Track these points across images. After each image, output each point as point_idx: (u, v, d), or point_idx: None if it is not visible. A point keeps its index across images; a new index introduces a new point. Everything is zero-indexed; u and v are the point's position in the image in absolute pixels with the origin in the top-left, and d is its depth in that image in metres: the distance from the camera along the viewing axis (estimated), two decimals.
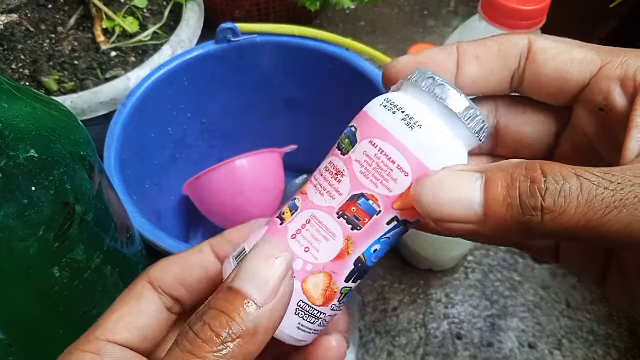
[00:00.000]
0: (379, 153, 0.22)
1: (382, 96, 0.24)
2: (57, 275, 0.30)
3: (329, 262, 0.23)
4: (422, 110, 0.22)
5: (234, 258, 0.24)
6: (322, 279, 0.23)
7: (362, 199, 0.22)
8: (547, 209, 0.18)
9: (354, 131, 0.23)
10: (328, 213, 0.23)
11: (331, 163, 0.24)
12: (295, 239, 0.23)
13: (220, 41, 0.53)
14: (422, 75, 0.23)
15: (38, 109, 0.29)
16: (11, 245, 0.26)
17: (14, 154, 0.26)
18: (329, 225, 0.23)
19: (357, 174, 0.23)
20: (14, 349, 0.32)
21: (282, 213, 0.24)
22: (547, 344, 0.55)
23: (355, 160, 0.23)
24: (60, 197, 0.28)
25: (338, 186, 0.23)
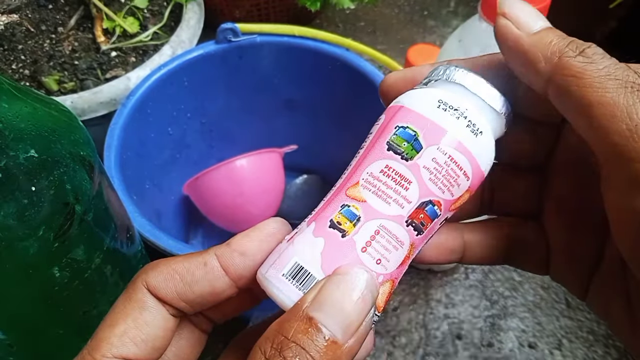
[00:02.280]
0: (448, 160, 0.22)
1: (431, 94, 0.23)
2: (57, 275, 0.30)
3: (394, 270, 0.23)
4: (478, 115, 0.23)
5: (288, 277, 0.22)
6: (388, 287, 0.23)
7: (429, 206, 0.23)
8: (585, 53, 0.21)
9: (414, 135, 0.23)
10: (397, 222, 0.22)
11: (389, 168, 0.23)
12: (365, 252, 0.22)
13: (220, 41, 0.53)
14: (466, 75, 0.24)
15: (38, 109, 0.29)
16: (11, 245, 0.26)
17: (14, 154, 0.26)
18: (399, 234, 0.22)
19: (425, 181, 0.22)
20: (14, 349, 0.32)
21: (335, 222, 0.22)
22: (547, 344, 0.55)
23: (424, 167, 0.22)
24: (60, 197, 0.28)
25: (405, 194, 0.22)
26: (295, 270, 0.22)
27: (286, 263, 0.22)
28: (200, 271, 0.23)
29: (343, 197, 0.23)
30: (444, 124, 0.23)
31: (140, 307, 0.22)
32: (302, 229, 0.23)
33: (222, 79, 0.56)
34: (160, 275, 0.23)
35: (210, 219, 0.59)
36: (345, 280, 0.20)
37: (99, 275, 0.33)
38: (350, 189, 0.23)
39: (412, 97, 0.24)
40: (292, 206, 0.62)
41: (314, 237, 0.22)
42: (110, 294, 0.35)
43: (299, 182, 0.64)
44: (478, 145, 0.23)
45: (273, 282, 0.22)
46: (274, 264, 0.22)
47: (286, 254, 0.22)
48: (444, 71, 0.24)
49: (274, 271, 0.22)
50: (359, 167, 0.23)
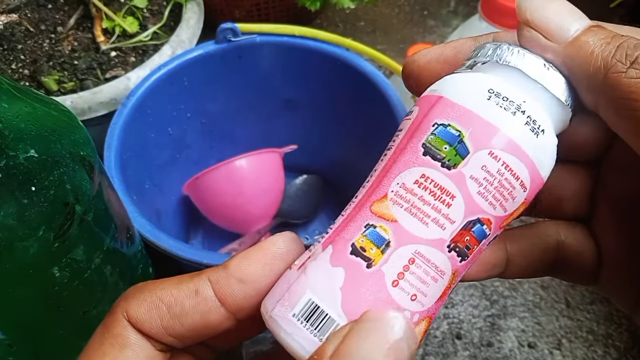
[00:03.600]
0: (502, 168, 0.18)
1: (479, 81, 0.19)
2: (57, 275, 0.30)
3: (433, 305, 0.18)
4: (539, 108, 0.18)
5: (300, 318, 0.18)
6: (423, 326, 0.18)
7: (477, 225, 0.18)
8: (639, 62, 0.16)
9: (458, 136, 0.18)
10: (437, 248, 0.18)
11: (427, 178, 0.18)
12: (397, 286, 0.18)
13: (220, 41, 0.53)
14: (522, 56, 0.19)
15: (38, 108, 0.29)
16: (11, 245, 0.26)
17: (14, 154, 0.26)
18: (438, 262, 0.18)
19: (473, 196, 0.18)
20: (14, 349, 0.32)
21: (359, 247, 0.18)
22: (547, 344, 0.55)
23: (471, 178, 0.18)
24: (60, 197, 0.28)
25: (447, 211, 0.18)
26: (309, 309, 0.18)
27: (298, 300, 0.18)
28: (191, 301, 0.19)
29: (367, 214, 0.18)
30: (496, 121, 0.18)
31: (120, 343, 0.19)
32: (316, 252, 0.19)
33: (222, 78, 0.56)
34: (143, 304, 0.19)
35: (210, 219, 0.59)
36: (377, 329, 0.16)
37: (99, 275, 0.33)
38: (377, 203, 0.18)
39: (455, 84, 0.19)
40: (292, 206, 0.62)
41: (332, 267, 0.18)
42: (110, 294, 0.35)
43: (299, 182, 0.64)
44: (539, 147, 0.18)
45: (282, 324, 0.18)
46: (281, 299, 0.18)
47: (297, 288, 0.18)
48: (493, 51, 0.19)
49: (282, 309, 0.18)
50: (386, 175, 0.19)
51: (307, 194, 0.64)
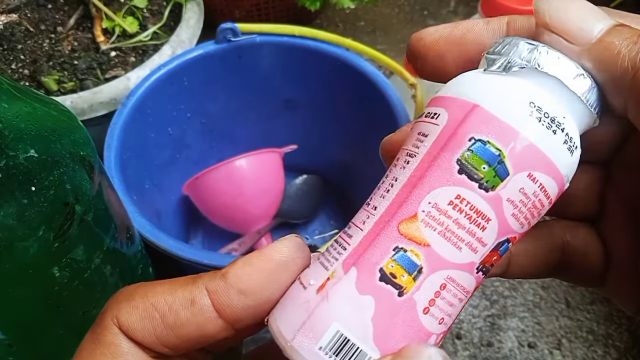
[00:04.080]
0: (538, 190, 0.17)
1: (519, 92, 0.17)
2: (57, 275, 0.30)
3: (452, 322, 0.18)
4: (574, 125, 0.17)
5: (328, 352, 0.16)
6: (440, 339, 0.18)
7: (505, 245, 0.17)
8: None
9: (499, 156, 0.16)
10: (468, 271, 0.17)
11: (462, 200, 0.17)
12: (427, 314, 0.17)
13: (220, 41, 0.53)
14: (562, 63, 0.17)
15: (38, 108, 0.29)
16: (11, 245, 0.26)
17: (14, 154, 0.26)
18: (466, 284, 0.17)
19: (507, 218, 0.17)
20: (14, 349, 0.32)
21: (388, 274, 0.17)
22: (547, 344, 0.55)
23: (507, 200, 0.17)
24: (60, 197, 0.28)
25: (482, 235, 0.17)
26: (338, 342, 0.16)
27: (324, 331, 0.16)
28: (187, 312, 0.18)
29: (395, 235, 0.17)
30: (538, 140, 0.16)
31: (112, 353, 0.18)
32: (338, 274, 0.17)
33: (222, 78, 0.56)
34: (135, 312, 0.18)
35: (210, 219, 0.59)
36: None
37: (98, 275, 0.33)
38: (406, 224, 0.17)
39: (492, 92, 0.17)
40: (292, 206, 0.62)
41: (359, 294, 0.16)
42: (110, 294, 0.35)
43: (299, 182, 0.64)
44: (572, 164, 0.17)
45: (307, 356, 0.16)
46: (303, 328, 0.17)
47: (321, 316, 0.17)
48: (529, 53, 0.17)
49: (306, 341, 0.16)
50: (415, 191, 0.17)
51: (307, 194, 0.64)
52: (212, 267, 0.40)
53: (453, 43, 0.19)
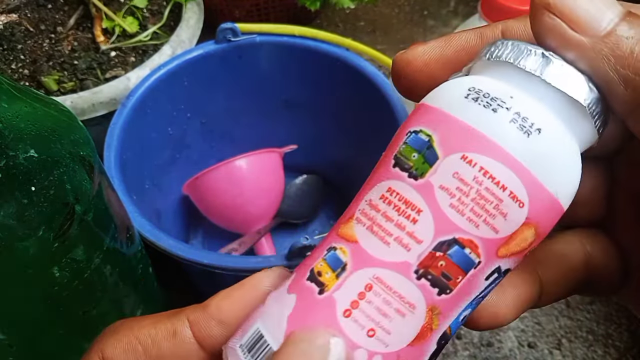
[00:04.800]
0: (480, 175, 0.15)
1: (460, 82, 0.16)
2: (57, 275, 0.30)
3: (404, 348, 0.15)
4: (533, 105, 0.15)
5: (244, 349, 0.16)
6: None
7: (454, 247, 0.15)
8: None
9: (428, 141, 0.15)
10: (401, 273, 0.15)
11: (391, 191, 0.15)
12: (349, 317, 0.15)
13: (220, 41, 0.53)
14: (517, 48, 0.15)
15: (38, 108, 0.29)
16: (11, 245, 0.26)
17: (14, 154, 0.26)
18: (403, 291, 0.15)
19: (444, 209, 0.15)
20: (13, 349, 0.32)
21: (315, 272, 0.16)
22: (547, 344, 0.55)
23: (440, 188, 0.15)
24: (60, 197, 0.28)
25: (413, 228, 0.15)
26: (254, 339, 0.16)
27: (248, 330, 0.16)
28: (169, 343, 0.17)
29: (333, 237, 0.16)
30: (471, 119, 0.15)
31: None
32: (286, 281, 0.17)
33: (222, 78, 0.56)
34: (119, 345, 0.18)
35: (210, 219, 0.59)
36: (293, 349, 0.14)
37: (98, 275, 0.33)
38: (344, 225, 0.16)
39: (439, 89, 0.16)
40: (292, 206, 0.62)
41: (287, 294, 0.16)
42: (110, 294, 0.35)
43: (299, 182, 0.64)
44: (532, 149, 0.15)
45: (229, 355, 0.16)
46: (240, 329, 0.17)
47: (252, 317, 0.16)
48: (488, 49, 0.16)
49: (235, 340, 0.16)
50: (359, 194, 0.17)
51: (307, 194, 0.64)
52: (212, 267, 0.40)
53: (446, 64, 0.18)
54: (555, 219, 0.16)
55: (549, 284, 0.19)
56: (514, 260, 0.16)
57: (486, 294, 0.16)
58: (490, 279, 0.16)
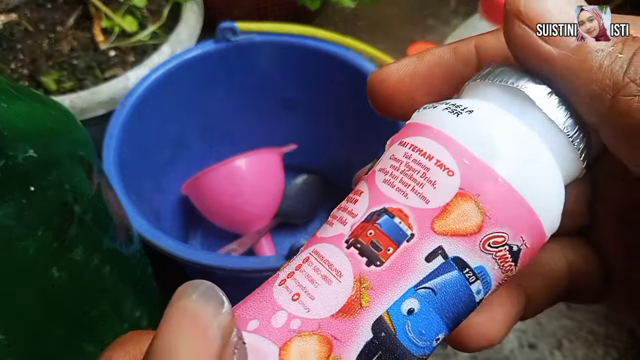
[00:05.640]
0: (409, 151, 0.15)
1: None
2: (56, 275, 0.30)
3: (327, 318, 0.14)
4: (474, 100, 0.16)
5: None
6: (315, 345, 0.14)
7: (383, 217, 0.15)
8: None
9: (384, 144, 0.17)
10: (334, 243, 0.15)
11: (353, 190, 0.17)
12: (282, 285, 0.15)
13: (219, 40, 0.53)
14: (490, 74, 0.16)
15: (37, 108, 0.29)
16: (10, 246, 0.26)
17: (13, 154, 0.26)
18: (332, 259, 0.15)
19: (378, 185, 0.15)
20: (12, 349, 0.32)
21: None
22: (547, 344, 0.55)
23: (379, 171, 0.16)
24: (59, 197, 0.28)
25: (352, 207, 0.16)
26: None
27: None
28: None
29: None
30: (413, 118, 0.17)
31: None
32: None
33: (222, 78, 0.56)
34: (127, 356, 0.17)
35: (210, 219, 0.59)
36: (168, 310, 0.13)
37: (98, 275, 0.33)
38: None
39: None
40: (292, 206, 0.62)
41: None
42: (110, 294, 0.35)
43: (299, 182, 0.64)
44: (461, 125, 0.15)
45: None
46: None
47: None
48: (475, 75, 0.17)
49: None
50: None
51: (307, 194, 0.64)
52: (212, 268, 0.39)
53: (420, 80, 0.17)
54: (507, 200, 0.15)
55: (533, 295, 0.19)
56: (467, 247, 0.14)
57: (445, 292, 0.15)
58: (433, 262, 0.14)
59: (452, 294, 0.15)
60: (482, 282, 0.15)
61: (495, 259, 0.15)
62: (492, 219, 0.14)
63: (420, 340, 0.15)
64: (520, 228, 0.15)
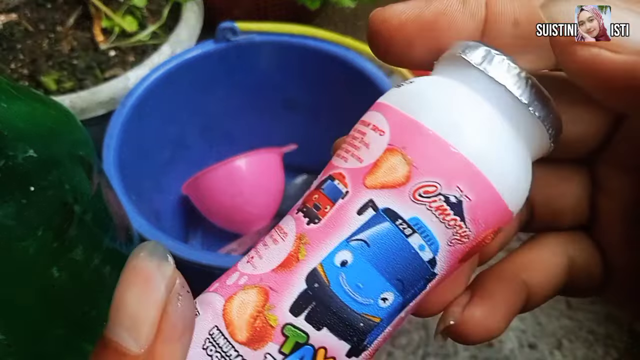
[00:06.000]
0: (358, 125, 0.17)
1: None
2: (56, 275, 0.30)
3: (268, 272, 0.15)
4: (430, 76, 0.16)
5: None
6: (253, 296, 0.15)
7: (327, 182, 0.16)
8: None
9: None
10: (291, 214, 0.17)
11: None
12: (246, 255, 0.16)
13: (219, 40, 0.53)
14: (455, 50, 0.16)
15: (37, 108, 0.29)
16: (10, 246, 0.26)
17: (13, 154, 0.26)
18: (284, 225, 0.16)
19: (332, 159, 0.17)
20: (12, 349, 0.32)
21: None
22: (547, 344, 0.55)
23: (340, 149, 0.17)
24: (59, 197, 0.28)
25: (314, 183, 0.17)
26: None
27: None
28: None
29: None
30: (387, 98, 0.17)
31: None
32: None
33: (222, 78, 0.56)
34: None
35: (210, 219, 0.59)
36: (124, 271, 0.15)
37: (98, 275, 0.33)
38: None
39: None
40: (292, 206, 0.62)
41: None
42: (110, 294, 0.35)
43: (298, 182, 0.64)
44: (400, 93, 0.16)
45: None
46: None
47: None
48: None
49: None
50: None
51: None
52: (211, 268, 0.39)
53: (423, 28, 0.16)
54: (432, 149, 0.15)
55: (534, 288, 0.19)
56: (396, 198, 0.15)
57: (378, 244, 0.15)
58: (364, 214, 0.15)
59: (387, 247, 0.15)
60: (422, 236, 0.15)
61: (431, 209, 0.15)
62: (420, 168, 0.15)
63: (360, 296, 0.15)
64: (453, 177, 0.15)
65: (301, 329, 0.14)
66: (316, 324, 0.15)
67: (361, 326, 0.15)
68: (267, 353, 0.15)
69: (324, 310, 0.15)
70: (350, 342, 0.15)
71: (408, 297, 0.15)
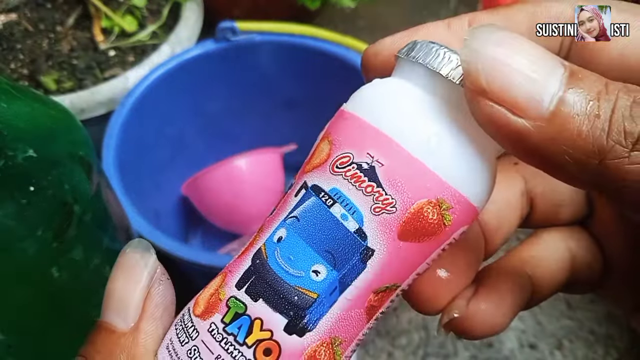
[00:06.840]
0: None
1: None
2: (56, 275, 0.30)
3: (233, 261, 0.18)
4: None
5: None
6: (217, 280, 0.17)
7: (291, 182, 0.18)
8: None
9: None
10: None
11: None
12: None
13: (219, 40, 0.53)
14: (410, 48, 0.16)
15: (36, 108, 0.29)
16: (10, 246, 0.26)
17: (13, 154, 0.26)
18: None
19: None
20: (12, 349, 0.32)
21: None
22: (548, 344, 0.55)
23: None
24: (59, 197, 0.28)
25: None
26: None
27: None
28: None
29: None
30: None
31: None
32: None
33: (221, 78, 0.56)
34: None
35: (209, 219, 0.59)
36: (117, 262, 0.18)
37: (97, 275, 0.33)
38: None
39: None
40: None
41: None
42: None
43: None
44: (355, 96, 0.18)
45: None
46: None
47: None
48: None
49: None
50: None
51: None
52: (211, 268, 0.39)
53: None
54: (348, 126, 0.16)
55: (538, 283, 0.19)
56: (321, 175, 0.16)
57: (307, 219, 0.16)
58: (299, 195, 0.16)
59: (313, 219, 0.16)
60: (342, 205, 0.15)
61: (347, 178, 0.15)
62: (337, 144, 0.16)
63: (292, 268, 0.16)
64: (364, 146, 0.16)
65: (241, 300, 0.16)
66: (254, 295, 0.16)
67: (295, 299, 0.15)
68: (212, 322, 0.16)
69: (261, 282, 0.16)
70: (286, 315, 0.16)
71: (345, 272, 0.16)
